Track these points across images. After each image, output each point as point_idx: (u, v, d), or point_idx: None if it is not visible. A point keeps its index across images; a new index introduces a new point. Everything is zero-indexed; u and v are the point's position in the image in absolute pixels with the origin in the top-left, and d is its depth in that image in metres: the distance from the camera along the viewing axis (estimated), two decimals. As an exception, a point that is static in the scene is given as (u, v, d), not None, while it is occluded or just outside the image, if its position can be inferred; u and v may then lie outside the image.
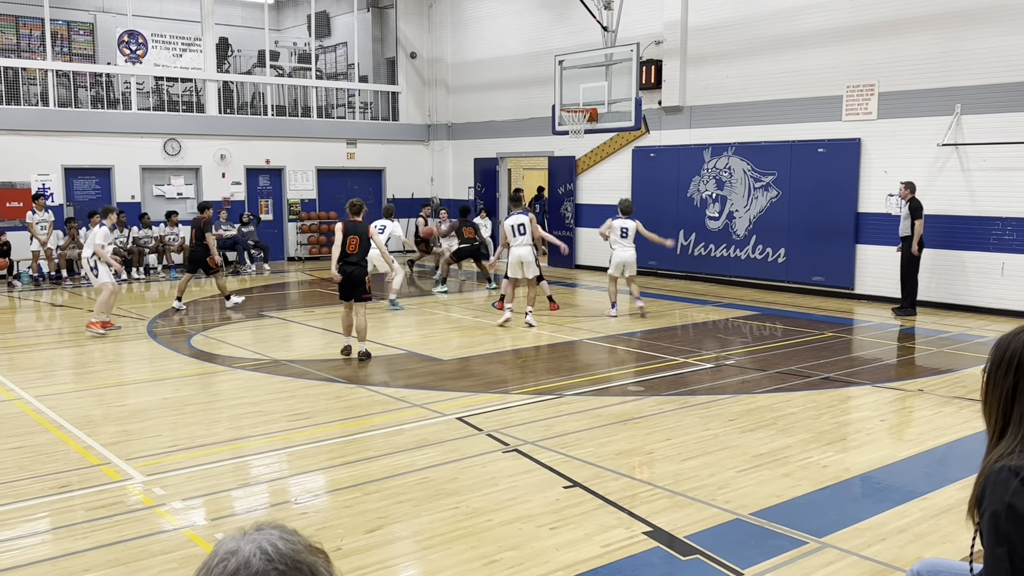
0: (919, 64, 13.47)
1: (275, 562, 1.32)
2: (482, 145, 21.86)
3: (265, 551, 1.33)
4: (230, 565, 1.33)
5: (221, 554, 1.35)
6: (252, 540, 1.35)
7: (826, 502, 5.61)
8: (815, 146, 14.92)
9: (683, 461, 6.37)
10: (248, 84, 21.84)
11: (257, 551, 1.33)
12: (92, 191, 18.69)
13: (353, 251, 10.07)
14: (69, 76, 19.22)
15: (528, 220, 12.27)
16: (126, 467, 6.26)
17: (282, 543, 1.35)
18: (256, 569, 1.31)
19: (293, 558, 1.33)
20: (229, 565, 1.33)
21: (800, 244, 15.29)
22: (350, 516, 5.32)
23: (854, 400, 8.35)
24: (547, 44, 19.06)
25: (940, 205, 13.28)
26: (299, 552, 1.35)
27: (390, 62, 23.46)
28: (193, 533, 5.12)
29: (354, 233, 10.11)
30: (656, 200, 17.56)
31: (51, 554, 4.84)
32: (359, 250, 10.09)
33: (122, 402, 8.16)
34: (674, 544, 4.90)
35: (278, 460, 6.55)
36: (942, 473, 6.26)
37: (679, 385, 8.80)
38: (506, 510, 5.40)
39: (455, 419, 7.52)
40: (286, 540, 1.36)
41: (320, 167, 21.61)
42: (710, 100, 16.63)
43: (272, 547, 1.33)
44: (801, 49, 15.01)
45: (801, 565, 4.64)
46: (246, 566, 1.32)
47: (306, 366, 9.68)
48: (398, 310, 13.66)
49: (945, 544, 4.89)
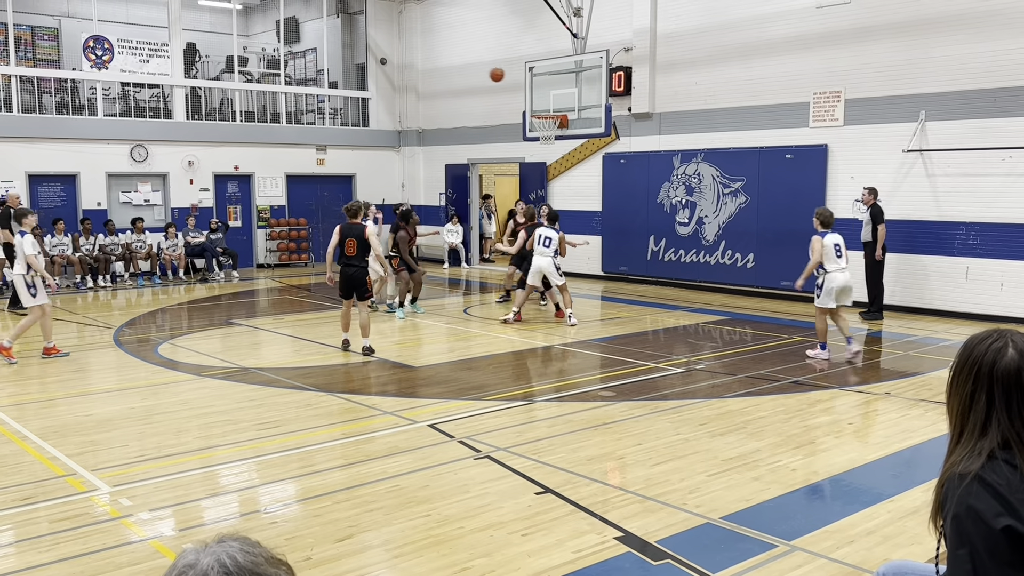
0: (884, 71, 13.67)
1: (233, 575, 1.30)
2: (453, 151, 21.85)
3: (224, 564, 1.31)
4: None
5: (180, 567, 1.33)
6: (212, 553, 1.33)
7: (795, 505, 5.66)
8: (783, 152, 15.08)
9: (654, 466, 6.39)
10: (216, 90, 21.65)
11: (216, 564, 1.31)
12: (57, 198, 18.43)
13: (352, 253, 10.41)
14: (33, 82, 18.96)
15: (557, 236, 12.88)
16: (92, 478, 6.17)
17: (241, 555, 1.33)
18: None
19: (252, 571, 1.32)
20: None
21: (769, 249, 15.43)
22: (320, 525, 5.28)
23: (822, 404, 8.43)
24: (517, 51, 19.10)
25: (905, 210, 13.47)
26: (259, 564, 1.33)
27: (360, 68, 23.38)
28: (161, 544, 5.05)
29: (350, 235, 10.41)
30: (626, 206, 17.66)
31: (14, 567, 4.75)
32: (358, 252, 10.41)
33: (88, 412, 8.04)
34: (646, 549, 4.92)
35: (247, 469, 6.49)
36: (909, 475, 6.34)
37: (650, 390, 8.84)
38: (478, 517, 5.38)
39: (426, 426, 7.49)
40: (246, 552, 1.34)
41: (290, 173, 21.47)
42: (679, 107, 16.75)
43: (231, 560, 1.32)
44: (769, 56, 15.17)
45: (771, 568, 4.67)
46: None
47: (275, 374, 9.61)
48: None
49: (912, 546, 4.95)
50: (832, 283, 10.12)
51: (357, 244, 10.39)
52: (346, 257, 10.44)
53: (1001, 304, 12.65)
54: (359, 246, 10.40)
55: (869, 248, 13.00)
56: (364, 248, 10.43)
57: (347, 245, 10.41)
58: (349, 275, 10.50)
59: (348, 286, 10.57)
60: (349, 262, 10.45)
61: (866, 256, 13.08)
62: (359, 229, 10.44)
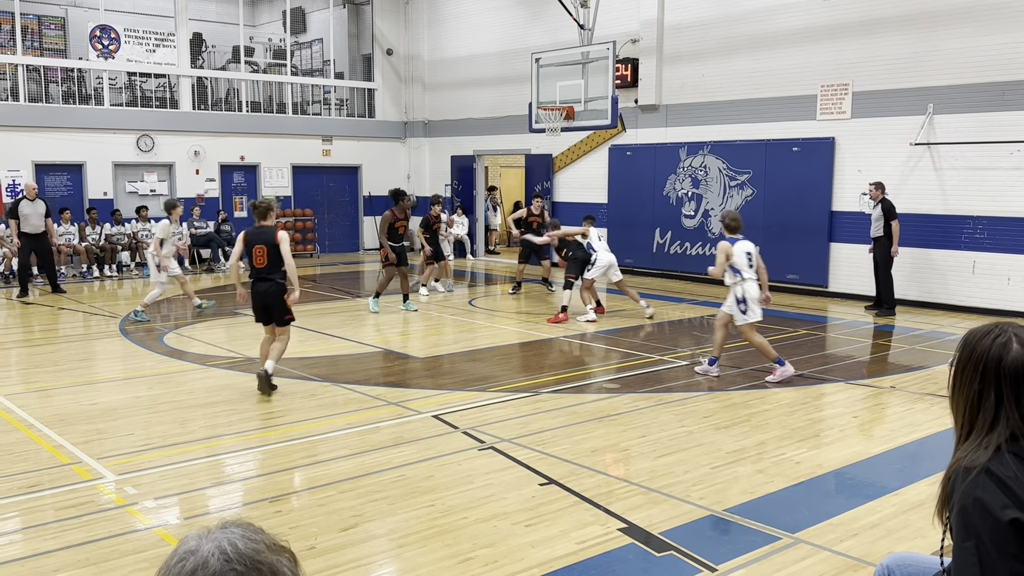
0: (892, 64, 13.61)
1: (233, 562, 1.30)
2: (459, 142, 21.82)
3: (224, 551, 1.31)
4: (188, 565, 1.31)
5: (180, 553, 1.33)
6: (213, 539, 1.34)
7: (799, 498, 5.65)
8: (790, 145, 15.03)
9: (658, 458, 6.39)
10: (223, 80, 21.65)
11: (216, 551, 1.31)
12: (64, 187, 18.46)
13: (262, 264, 8.15)
14: (40, 71, 18.96)
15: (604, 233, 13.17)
16: (97, 466, 6.19)
17: (242, 542, 1.33)
18: (214, 570, 1.29)
19: (253, 558, 1.31)
20: (187, 565, 1.31)
21: (775, 242, 15.38)
22: (324, 514, 5.30)
23: (827, 397, 8.42)
24: (524, 42, 19.06)
25: (912, 204, 13.42)
26: (260, 552, 1.33)
27: (366, 59, 23.35)
28: (165, 532, 5.07)
29: (259, 242, 8.17)
30: (632, 198, 17.63)
31: (20, 554, 4.77)
32: (268, 263, 8.12)
33: (94, 401, 8.06)
34: (649, 540, 4.92)
35: (252, 458, 6.51)
36: (913, 469, 6.33)
37: (654, 382, 8.84)
38: (482, 508, 5.39)
39: (431, 417, 7.50)
40: (247, 539, 1.34)
41: (296, 164, 21.47)
42: (686, 99, 16.70)
43: (231, 546, 1.32)
44: (776, 49, 15.11)
45: (774, 561, 4.67)
46: (203, 566, 1.30)
47: (280, 364, 9.61)
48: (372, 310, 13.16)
49: (916, 539, 4.94)
50: (752, 293, 8.93)
51: (267, 253, 8.11)
52: (256, 270, 8.19)
53: (1008, 298, 12.61)
54: (270, 255, 8.11)
55: (878, 244, 12.86)
56: (277, 258, 8.10)
57: (255, 254, 8.16)
58: (262, 292, 8.21)
59: (262, 306, 8.31)
60: (260, 275, 8.19)
61: (874, 252, 12.97)
62: (269, 234, 8.18)
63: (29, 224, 14.19)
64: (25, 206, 14.24)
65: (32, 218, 14.22)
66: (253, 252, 8.14)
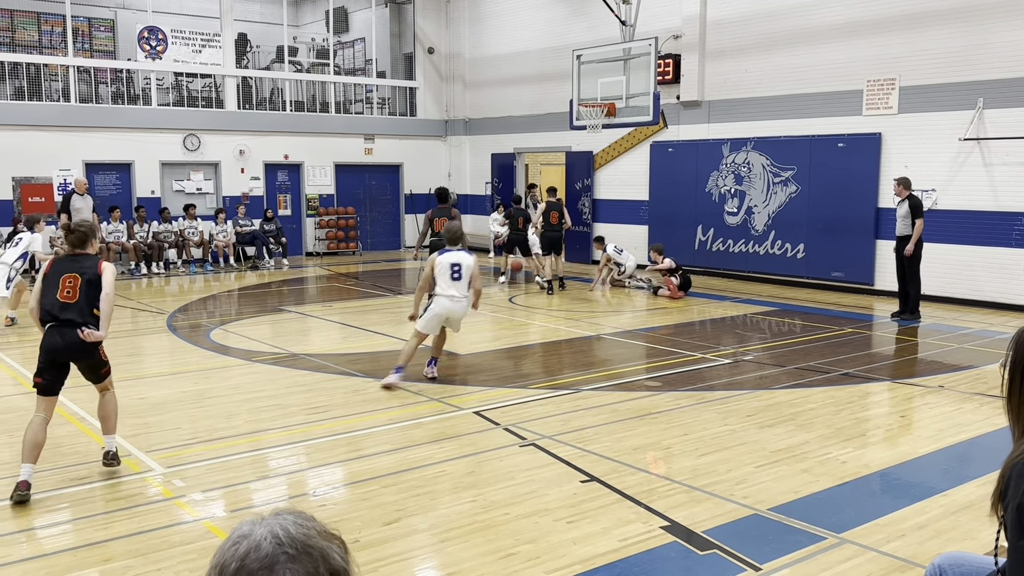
0: (940, 58, 13.35)
1: (285, 546, 1.33)
2: (499, 140, 21.85)
3: (276, 535, 1.34)
4: (241, 548, 1.34)
5: (234, 538, 1.37)
6: (266, 524, 1.37)
7: (845, 498, 5.58)
8: (835, 141, 14.82)
9: (700, 456, 6.34)
10: (267, 80, 21.91)
11: (268, 535, 1.35)
12: (113, 186, 18.83)
13: (71, 299, 5.71)
14: (90, 72, 19.35)
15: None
16: (146, 459, 6.31)
17: (294, 527, 1.36)
18: (266, 552, 1.32)
19: (304, 542, 1.35)
20: (240, 548, 1.34)
21: (819, 239, 15.21)
22: (368, 508, 5.34)
23: (873, 396, 8.29)
24: (565, 39, 19.02)
25: (961, 200, 13.16)
26: (311, 537, 1.36)
27: (408, 57, 23.48)
28: (212, 524, 5.15)
29: (68, 271, 5.78)
30: (674, 195, 17.51)
31: (72, 544, 4.88)
32: (79, 297, 5.72)
33: (142, 395, 8.22)
34: (692, 539, 4.89)
35: (296, 453, 6.58)
36: (962, 470, 6.21)
37: (697, 381, 8.77)
38: (523, 504, 5.40)
39: (472, 413, 7.53)
40: (299, 525, 1.37)
41: (338, 162, 21.67)
42: (729, 95, 16.54)
43: (284, 531, 1.35)
44: (820, 43, 14.90)
45: (819, 561, 4.62)
46: (256, 549, 1.34)
47: (324, 360, 9.72)
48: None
49: (966, 541, 4.85)
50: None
51: (81, 286, 5.73)
52: (61, 305, 5.68)
53: (1061, 297, 12.31)
54: (84, 289, 5.73)
55: (903, 244, 12.09)
56: (91, 292, 5.74)
57: (63, 287, 5.72)
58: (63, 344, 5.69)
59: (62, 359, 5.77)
60: (64, 317, 5.68)
61: (898, 251, 12.28)
62: (90, 264, 5.83)
63: (80, 218, 14.52)
64: (76, 200, 14.65)
65: (83, 212, 14.61)
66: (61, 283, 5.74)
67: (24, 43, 19.97)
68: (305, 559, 1.33)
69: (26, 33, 20.16)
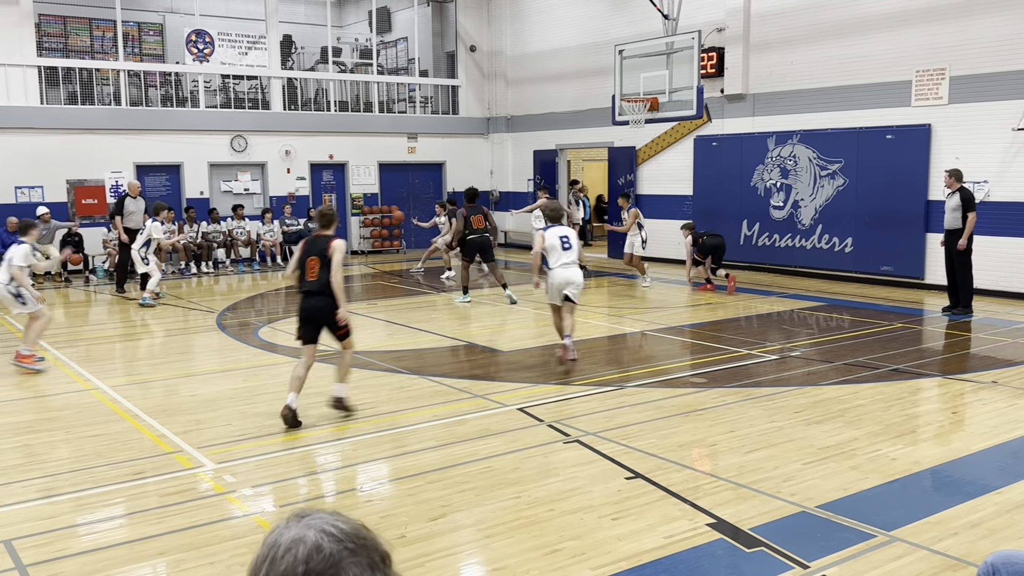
0: (992, 47, 13.04)
1: (344, 541, 1.35)
2: (542, 137, 21.84)
3: (331, 533, 1.35)
4: (300, 553, 1.32)
5: (285, 544, 1.34)
6: (310, 526, 1.36)
7: (895, 495, 5.49)
8: (883, 133, 14.56)
9: (747, 453, 6.29)
10: (311, 80, 22.16)
11: (323, 535, 1.34)
12: (163, 187, 19.19)
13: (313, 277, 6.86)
14: (140, 76, 19.74)
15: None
16: (197, 455, 6.43)
17: (342, 523, 1.37)
18: (330, 551, 1.33)
19: (359, 534, 1.37)
20: (299, 553, 1.32)
21: (868, 233, 14.96)
22: (414, 504, 5.39)
23: (924, 392, 8.15)
24: (606, 34, 18.94)
25: (1015, 192, 12.85)
26: (359, 529, 1.38)
27: (450, 56, 23.57)
28: (262, 519, 5.24)
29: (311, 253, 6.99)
30: (719, 190, 17.35)
31: (127, 538, 5.01)
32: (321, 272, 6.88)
33: (193, 392, 8.38)
34: (738, 536, 4.86)
35: (343, 449, 6.66)
36: (1017, 467, 6.07)
37: (742, 377, 8.69)
38: (568, 500, 5.40)
39: (516, 410, 7.55)
40: (344, 520, 1.38)
41: (382, 162, 21.84)
42: (774, 87, 16.34)
43: (336, 528, 1.36)
44: (868, 33, 14.65)
45: (869, 559, 4.56)
46: (317, 550, 1.33)
47: (370, 357, 9.81)
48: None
49: (1021, 539, 4.76)
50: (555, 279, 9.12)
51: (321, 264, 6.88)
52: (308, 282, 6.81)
53: (1120, 290, 11.97)
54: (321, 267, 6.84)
55: (952, 237, 11.75)
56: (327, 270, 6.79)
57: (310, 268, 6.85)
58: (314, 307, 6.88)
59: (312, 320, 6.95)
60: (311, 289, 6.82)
61: (947, 245, 11.95)
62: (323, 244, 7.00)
63: (132, 220, 14.88)
64: (130, 203, 14.99)
65: (136, 215, 14.94)
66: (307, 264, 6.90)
67: (77, 48, 20.44)
68: (362, 552, 1.35)
69: (78, 39, 20.63)
